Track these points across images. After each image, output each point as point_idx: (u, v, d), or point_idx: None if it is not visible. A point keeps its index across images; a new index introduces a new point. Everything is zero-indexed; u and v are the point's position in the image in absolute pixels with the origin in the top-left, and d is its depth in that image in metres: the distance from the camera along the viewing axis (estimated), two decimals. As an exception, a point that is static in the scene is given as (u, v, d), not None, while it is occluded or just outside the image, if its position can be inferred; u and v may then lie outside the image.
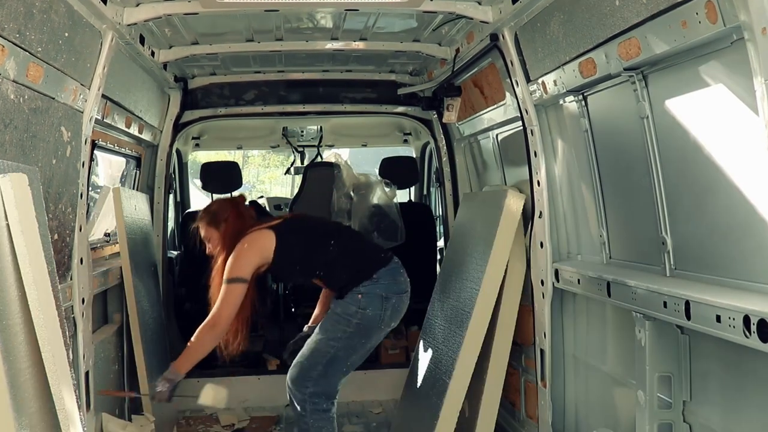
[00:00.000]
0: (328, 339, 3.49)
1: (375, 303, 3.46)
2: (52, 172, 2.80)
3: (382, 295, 3.48)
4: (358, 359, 3.59)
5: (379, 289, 3.48)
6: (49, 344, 2.07)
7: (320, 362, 3.48)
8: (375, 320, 3.48)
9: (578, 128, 3.23)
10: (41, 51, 2.53)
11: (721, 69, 2.21)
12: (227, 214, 3.66)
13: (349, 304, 3.47)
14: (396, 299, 3.52)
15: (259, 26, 3.93)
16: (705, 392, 2.52)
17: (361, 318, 3.45)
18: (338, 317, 3.49)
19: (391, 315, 3.52)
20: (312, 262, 3.63)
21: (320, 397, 3.48)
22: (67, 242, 2.99)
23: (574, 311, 3.51)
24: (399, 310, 3.56)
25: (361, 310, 3.45)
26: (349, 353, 3.50)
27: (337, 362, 3.49)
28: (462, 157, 5.18)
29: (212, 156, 7.77)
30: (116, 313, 4.12)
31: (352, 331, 3.46)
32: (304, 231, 3.72)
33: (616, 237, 3.15)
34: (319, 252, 3.65)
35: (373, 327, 3.50)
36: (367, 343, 3.55)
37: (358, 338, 3.49)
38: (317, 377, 3.47)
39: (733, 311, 2.05)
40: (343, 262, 3.60)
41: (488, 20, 3.52)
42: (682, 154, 2.53)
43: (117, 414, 3.88)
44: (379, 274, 3.51)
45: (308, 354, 3.52)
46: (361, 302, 3.46)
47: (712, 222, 2.42)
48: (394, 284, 3.54)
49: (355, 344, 3.50)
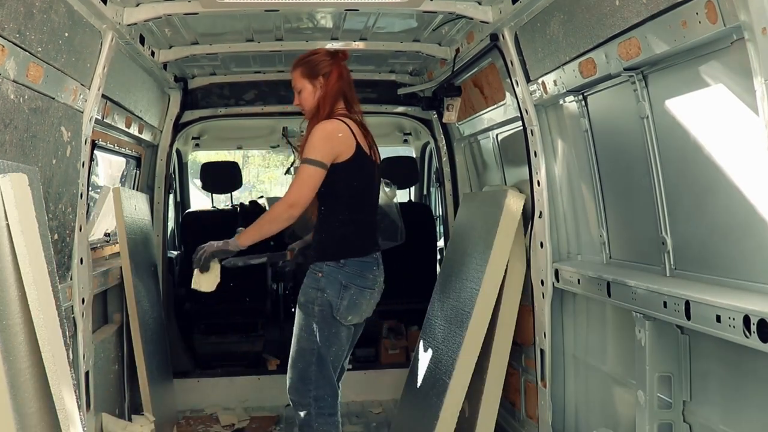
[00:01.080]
0: (306, 334, 3.26)
1: (333, 288, 3.20)
2: (52, 172, 2.80)
3: (341, 282, 3.21)
4: (340, 350, 3.32)
5: (341, 276, 3.21)
6: (49, 344, 2.07)
7: (311, 361, 3.27)
8: (333, 307, 3.21)
9: (578, 128, 3.23)
10: (41, 51, 2.53)
11: (721, 69, 2.21)
12: (328, 69, 3.30)
13: (309, 287, 3.24)
14: (356, 291, 3.24)
15: (259, 26, 3.93)
16: (705, 392, 2.51)
17: (321, 303, 3.21)
18: (303, 307, 3.27)
19: (348, 307, 3.22)
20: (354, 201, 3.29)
21: (324, 399, 3.29)
22: (67, 242, 2.98)
23: (574, 311, 3.51)
24: (357, 304, 3.26)
25: (319, 294, 3.20)
26: (327, 345, 3.26)
27: (324, 359, 3.27)
28: (462, 157, 5.18)
29: (212, 156, 7.77)
30: (116, 313, 4.11)
31: (319, 320, 3.23)
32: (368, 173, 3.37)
33: (616, 237, 3.15)
34: (365, 195, 3.34)
35: (333, 315, 3.23)
36: (339, 333, 3.28)
37: (327, 329, 3.25)
38: (316, 378, 3.28)
39: (733, 311, 2.05)
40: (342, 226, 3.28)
41: (488, 20, 3.52)
42: (682, 154, 2.52)
43: (117, 414, 3.88)
44: (348, 263, 3.24)
45: (297, 356, 3.31)
46: (320, 282, 3.21)
47: (712, 222, 2.42)
48: (360, 277, 3.26)
49: (327, 335, 3.25)
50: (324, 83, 3.29)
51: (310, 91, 3.32)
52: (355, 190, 3.29)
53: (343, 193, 3.26)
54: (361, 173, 3.29)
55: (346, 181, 3.24)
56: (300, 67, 3.35)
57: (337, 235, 3.28)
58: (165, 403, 4.40)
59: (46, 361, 2.06)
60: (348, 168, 3.23)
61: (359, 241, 3.31)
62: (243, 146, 6.98)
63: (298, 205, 3.15)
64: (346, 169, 3.22)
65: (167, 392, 4.55)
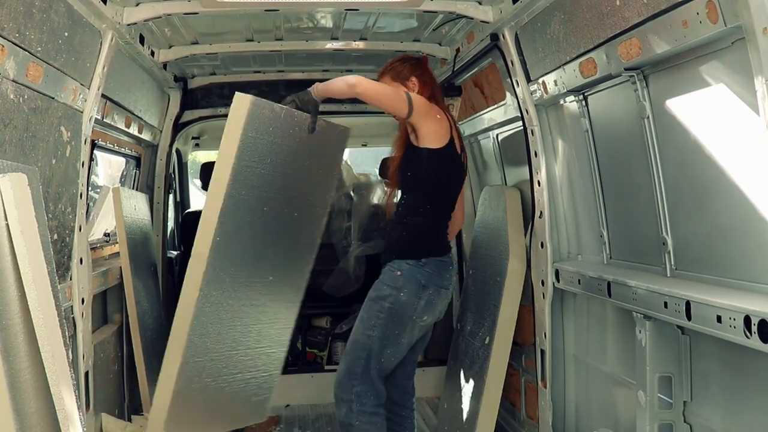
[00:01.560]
0: (364, 329, 3.20)
1: (412, 287, 3.15)
2: (51, 172, 2.79)
3: (421, 282, 3.17)
4: (394, 354, 3.23)
5: (420, 275, 3.17)
6: (48, 344, 2.06)
7: (361, 356, 3.19)
8: (408, 307, 3.15)
9: (579, 128, 3.23)
10: (41, 51, 2.52)
11: (722, 69, 2.21)
12: (419, 72, 3.34)
13: (384, 284, 3.19)
14: (434, 291, 3.20)
15: (259, 26, 3.92)
16: (706, 393, 2.51)
17: (393, 302, 3.14)
18: (372, 302, 3.20)
19: (425, 307, 3.18)
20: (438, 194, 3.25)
21: (368, 397, 3.20)
22: (66, 242, 2.98)
23: (574, 311, 3.51)
24: (434, 305, 3.23)
25: (395, 292, 3.15)
26: (383, 345, 3.18)
27: (374, 356, 3.19)
28: (462, 157, 5.17)
29: (212, 156, 7.75)
30: (116, 314, 4.11)
31: (385, 316, 3.16)
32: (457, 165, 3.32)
33: (616, 237, 3.15)
34: (448, 192, 3.30)
35: (406, 316, 3.17)
36: (401, 336, 3.21)
37: (391, 328, 3.17)
38: (362, 374, 3.19)
39: (734, 311, 2.05)
40: (417, 221, 3.24)
41: (488, 20, 3.51)
42: (682, 155, 2.52)
43: (117, 414, 3.87)
44: (428, 262, 3.19)
45: (349, 349, 3.25)
46: (397, 281, 3.16)
47: (712, 222, 2.42)
48: (438, 277, 3.22)
49: (388, 335, 3.17)
50: (418, 84, 3.30)
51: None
52: (440, 181, 3.24)
53: (428, 183, 3.22)
54: (449, 166, 3.25)
55: (434, 169, 3.20)
56: (388, 73, 3.36)
57: (420, 232, 3.23)
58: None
59: (46, 362, 2.06)
60: (438, 156, 3.18)
61: (438, 240, 3.29)
62: (243, 146, 6.95)
63: (357, 87, 3.03)
64: (435, 157, 3.17)
65: (167, 392, 4.53)
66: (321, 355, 5.34)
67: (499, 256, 3.83)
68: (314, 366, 5.22)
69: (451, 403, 4.14)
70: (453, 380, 4.18)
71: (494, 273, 3.84)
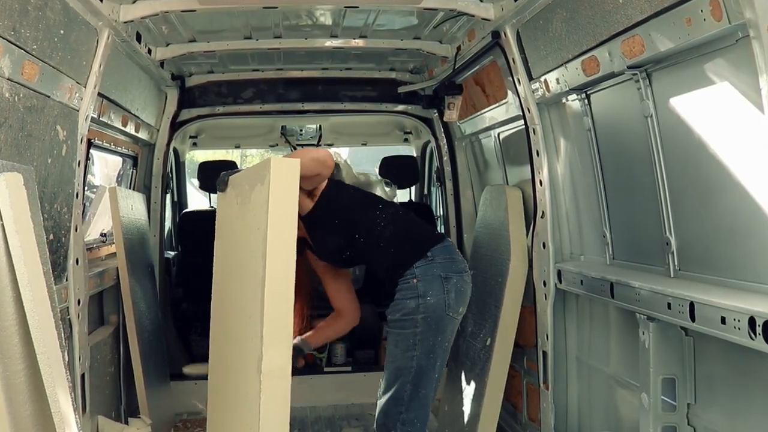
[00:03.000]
0: (404, 352, 2.98)
1: (435, 286, 2.97)
2: (47, 172, 2.76)
3: (440, 276, 2.99)
4: (442, 363, 3.07)
5: (436, 269, 3.00)
6: (44, 346, 2.04)
7: (407, 380, 2.98)
8: (440, 308, 2.97)
9: (581, 127, 3.20)
10: (36, 49, 2.50)
11: (726, 67, 2.19)
12: None
13: (406, 299, 2.99)
14: (457, 279, 3.02)
15: (258, 23, 3.89)
16: (710, 395, 2.49)
17: (425, 310, 2.96)
18: (401, 323, 3.00)
19: (456, 298, 3.01)
20: (355, 218, 3.15)
21: (413, 424, 2.99)
22: (62, 243, 2.95)
23: (576, 312, 3.49)
24: (464, 292, 3.06)
25: (421, 300, 2.96)
26: (432, 360, 2.99)
27: (424, 375, 2.99)
28: (463, 157, 5.15)
29: (210, 155, 7.73)
30: (112, 315, 4.08)
31: (422, 329, 2.96)
32: (350, 188, 3.34)
33: (619, 237, 3.12)
34: (367, 209, 3.19)
35: (442, 316, 2.99)
36: (444, 341, 3.03)
37: (432, 336, 2.98)
38: (409, 400, 2.98)
39: (738, 313, 2.03)
40: (392, 231, 3.11)
41: (490, 17, 3.49)
42: (686, 154, 2.50)
43: (113, 417, 3.84)
44: (434, 252, 3.03)
45: (391, 378, 3.02)
46: (419, 289, 2.97)
47: (716, 222, 2.40)
48: (452, 262, 3.05)
49: (432, 346, 2.98)
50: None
51: None
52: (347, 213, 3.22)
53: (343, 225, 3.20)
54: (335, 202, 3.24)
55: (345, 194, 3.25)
56: None
57: (401, 232, 3.14)
58: (162, 405, 4.37)
59: (42, 364, 2.04)
60: (321, 211, 3.20)
61: (423, 228, 3.25)
62: (241, 145, 6.95)
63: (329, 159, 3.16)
64: (320, 212, 3.20)
65: (164, 394, 4.51)
66: (320, 357, 5.31)
67: (500, 257, 3.80)
68: (313, 368, 5.19)
69: (452, 405, 4.12)
70: (454, 382, 4.16)
71: (495, 273, 3.82)
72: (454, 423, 4.02)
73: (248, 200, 2.68)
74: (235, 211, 2.85)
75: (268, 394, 2.35)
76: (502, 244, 3.82)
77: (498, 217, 3.97)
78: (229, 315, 2.88)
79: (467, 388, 3.93)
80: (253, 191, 2.62)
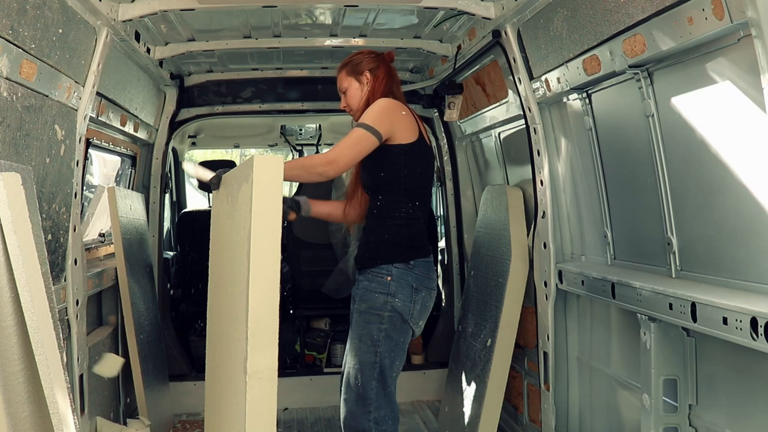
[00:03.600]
0: (368, 346, 2.96)
1: (405, 292, 2.96)
2: (45, 172, 2.75)
3: (413, 286, 2.98)
4: (399, 364, 3.04)
5: (411, 278, 2.98)
6: (42, 347, 2.03)
7: (372, 377, 2.95)
8: (405, 313, 2.97)
9: (582, 126, 3.19)
10: (35, 48, 2.48)
11: (728, 66, 2.18)
12: (375, 65, 3.17)
13: (376, 292, 2.97)
14: (426, 293, 3.03)
15: (257, 22, 3.88)
16: (711, 396, 2.48)
17: (391, 309, 2.95)
18: (367, 315, 2.98)
19: (420, 311, 3.02)
20: (416, 183, 3.04)
21: (386, 422, 2.95)
22: (61, 243, 2.94)
23: (577, 313, 3.47)
24: (427, 308, 3.07)
25: (390, 300, 2.95)
26: (391, 358, 2.97)
27: (387, 372, 2.96)
28: (463, 156, 5.14)
29: (209, 155, 7.71)
30: (111, 315, 4.07)
31: (387, 327, 2.95)
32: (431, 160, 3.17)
33: (620, 237, 3.11)
34: (424, 191, 3.10)
35: (406, 321, 2.99)
36: (405, 343, 3.02)
37: (396, 335, 2.97)
38: (377, 397, 2.94)
39: (740, 313, 2.03)
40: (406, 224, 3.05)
41: (490, 16, 3.48)
42: (688, 153, 2.49)
43: (112, 418, 3.83)
44: (417, 263, 3.01)
45: (356, 373, 2.97)
46: (390, 287, 2.96)
47: (718, 222, 2.39)
48: (427, 279, 3.05)
49: (394, 346, 2.97)
50: (371, 79, 3.16)
51: (357, 88, 3.18)
52: (417, 179, 3.07)
53: (406, 182, 3.04)
54: (424, 161, 3.09)
55: (410, 167, 3.01)
56: (345, 67, 3.24)
57: (403, 234, 3.05)
58: (161, 406, 4.36)
59: (40, 364, 2.03)
60: (411, 152, 3.01)
61: (423, 241, 3.12)
62: (240, 145, 6.94)
63: (336, 165, 2.88)
64: (409, 153, 3.00)
65: (163, 395, 4.50)
66: (320, 357, 5.30)
67: (501, 257, 3.79)
68: (313, 369, 5.18)
69: (453, 406, 4.11)
70: (454, 383, 4.15)
71: (496, 274, 3.81)
72: (454, 424, 4.01)
73: (236, 199, 2.66)
74: (226, 210, 2.82)
75: (254, 395, 2.31)
76: (502, 244, 3.80)
77: (499, 217, 3.95)
78: (221, 315, 2.86)
79: (468, 388, 3.92)
80: (240, 190, 2.60)
